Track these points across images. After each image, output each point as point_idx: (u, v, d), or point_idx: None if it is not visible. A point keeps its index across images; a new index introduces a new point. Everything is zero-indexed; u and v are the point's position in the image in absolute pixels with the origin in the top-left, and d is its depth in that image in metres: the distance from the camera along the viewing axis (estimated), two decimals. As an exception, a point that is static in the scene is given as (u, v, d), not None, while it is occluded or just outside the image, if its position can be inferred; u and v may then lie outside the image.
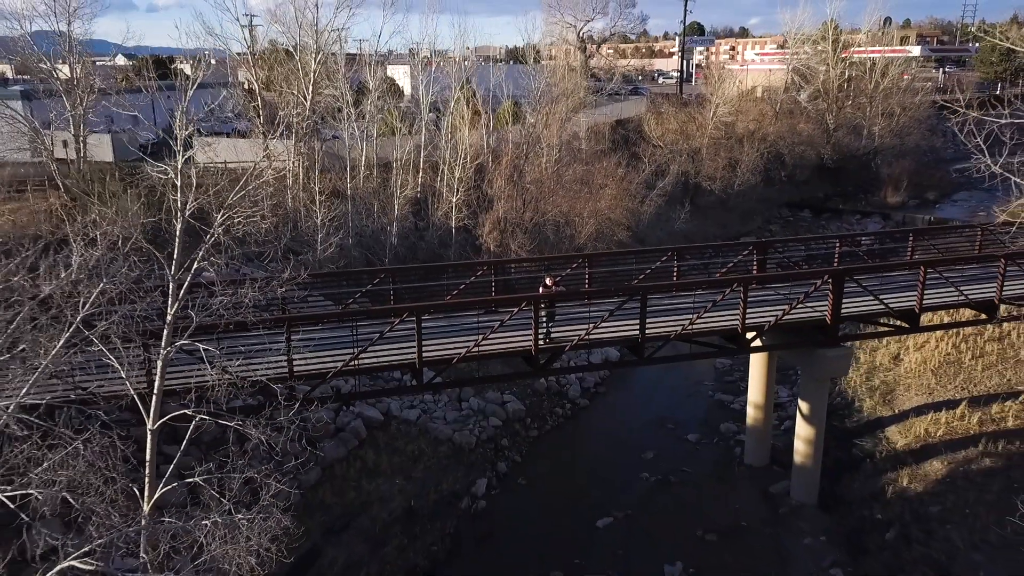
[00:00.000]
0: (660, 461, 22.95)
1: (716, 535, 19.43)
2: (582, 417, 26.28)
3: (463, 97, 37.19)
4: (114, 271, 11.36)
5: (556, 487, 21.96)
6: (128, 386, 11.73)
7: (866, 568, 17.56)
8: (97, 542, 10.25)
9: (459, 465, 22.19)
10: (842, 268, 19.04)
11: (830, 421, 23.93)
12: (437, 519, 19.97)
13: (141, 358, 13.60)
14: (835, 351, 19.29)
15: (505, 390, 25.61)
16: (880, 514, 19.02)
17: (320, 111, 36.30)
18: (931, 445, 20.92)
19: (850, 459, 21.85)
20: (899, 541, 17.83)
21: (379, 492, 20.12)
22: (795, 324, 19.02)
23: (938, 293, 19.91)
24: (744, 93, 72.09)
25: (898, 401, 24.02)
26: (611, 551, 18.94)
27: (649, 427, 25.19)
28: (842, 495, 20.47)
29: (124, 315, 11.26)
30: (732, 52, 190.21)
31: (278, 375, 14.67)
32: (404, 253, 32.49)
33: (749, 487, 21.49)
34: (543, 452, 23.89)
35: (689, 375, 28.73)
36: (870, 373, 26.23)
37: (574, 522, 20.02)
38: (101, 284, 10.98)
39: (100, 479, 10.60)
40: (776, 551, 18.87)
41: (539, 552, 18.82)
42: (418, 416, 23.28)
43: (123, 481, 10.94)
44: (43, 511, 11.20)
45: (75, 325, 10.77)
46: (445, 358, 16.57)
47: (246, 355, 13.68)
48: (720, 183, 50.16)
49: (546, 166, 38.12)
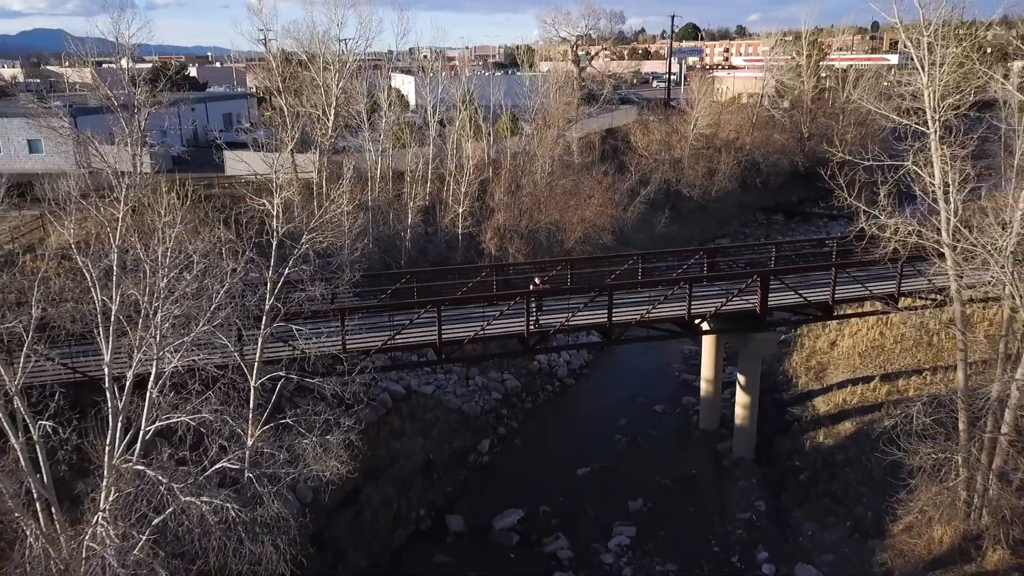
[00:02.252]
0: (631, 427, 28.12)
1: (671, 481, 24.61)
2: (568, 393, 31.45)
3: (467, 116, 42.18)
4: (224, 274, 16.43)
5: (545, 446, 27.12)
6: (237, 356, 16.84)
7: (782, 501, 22.71)
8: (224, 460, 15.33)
9: (467, 429, 27.34)
10: (768, 269, 24.18)
11: (772, 394, 29.19)
12: (450, 470, 25.15)
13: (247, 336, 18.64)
14: (764, 335, 24.45)
15: (504, 370, 30.76)
16: (799, 463, 24.19)
17: (340, 128, 41.12)
18: (846, 411, 26.05)
19: (783, 423, 27.00)
20: (809, 481, 23.00)
21: (404, 448, 25.25)
22: (733, 313, 24.12)
23: (849, 289, 25.02)
24: (729, 101, 77.25)
25: (827, 378, 29.13)
26: (588, 492, 24.12)
27: (623, 400, 30.35)
28: (773, 450, 25.63)
29: (241, 305, 16.34)
30: (726, 54, 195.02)
31: (337, 351, 19.78)
32: (416, 256, 37.48)
33: (701, 446, 26.66)
34: (535, 420, 29.06)
35: (660, 359, 33.88)
36: (809, 356, 31.33)
37: (559, 472, 25.18)
38: (227, 283, 16.03)
39: (220, 419, 15.59)
40: (717, 492, 24.05)
41: (531, 493, 23.97)
42: (433, 391, 28.41)
43: (235, 420, 15.99)
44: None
45: (208, 314, 15.84)
46: (458, 339, 21.69)
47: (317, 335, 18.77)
48: (699, 190, 55.26)
49: (540, 178, 43.16)
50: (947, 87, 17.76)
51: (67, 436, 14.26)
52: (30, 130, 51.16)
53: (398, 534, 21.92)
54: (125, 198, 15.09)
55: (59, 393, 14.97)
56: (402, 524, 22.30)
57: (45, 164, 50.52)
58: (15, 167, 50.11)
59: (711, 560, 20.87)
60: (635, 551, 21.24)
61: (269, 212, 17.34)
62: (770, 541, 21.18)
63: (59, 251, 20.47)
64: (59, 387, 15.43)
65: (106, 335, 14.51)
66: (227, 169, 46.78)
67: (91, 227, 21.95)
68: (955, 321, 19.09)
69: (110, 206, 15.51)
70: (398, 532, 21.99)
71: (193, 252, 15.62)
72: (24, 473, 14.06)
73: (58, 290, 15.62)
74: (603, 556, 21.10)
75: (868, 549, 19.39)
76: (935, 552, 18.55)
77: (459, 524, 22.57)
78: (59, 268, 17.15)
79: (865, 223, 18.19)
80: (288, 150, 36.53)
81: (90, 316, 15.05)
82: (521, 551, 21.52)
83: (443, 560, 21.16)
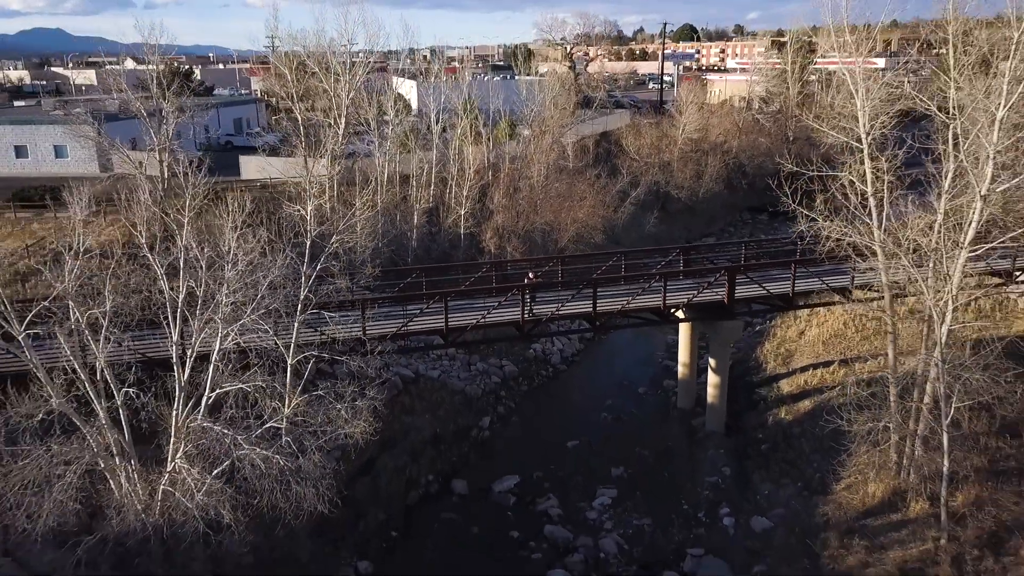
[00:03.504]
0: (616, 406, 31.42)
1: (649, 452, 27.92)
2: (561, 378, 34.76)
3: (468, 123, 45.40)
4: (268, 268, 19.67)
5: (539, 423, 30.43)
6: (276, 340, 20.10)
7: (745, 467, 26.02)
8: (272, 420, 18.60)
9: (469, 408, 30.62)
10: (734, 265, 27.46)
11: (744, 377, 32.49)
12: (455, 442, 28.44)
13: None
14: (732, 323, 27.74)
15: (503, 357, 34.04)
16: (762, 435, 27.49)
17: (349, 136, 44.28)
18: (806, 391, 29.33)
19: (751, 402, 30.29)
20: (769, 450, 26.30)
21: (414, 424, 28.52)
22: (703, 304, 27.40)
23: (809, 282, 28.28)
24: (719, 104, 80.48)
25: (793, 362, 32.41)
26: (576, 461, 27.42)
27: (610, 384, 33.66)
28: (740, 425, 28.91)
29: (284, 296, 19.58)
30: (722, 55, 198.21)
31: (357, 335, 23.07)
32: (422, 254, 40.72)
33: (677, 422, 29.96)
34: (530, 401, 32.37)
35: (645, 349, 37.18)
36: (779, 344, 34.61)
37: (551, 444, 28.49)
38: (270, 277, 19.27)
39: (270, 386, 18.84)
40: (689, 461, 27.35)
41: (525, 462, 27.27)
42: (439, 375, 31.68)
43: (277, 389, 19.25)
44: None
45: (255, 301, 19.08)
46: (463, 326, 24.97)
47: (344, 321, 22.06)
48: (687, 191, 58.55)
49: (536, 182, 46.42)
50: (875, 109, 21.05)
51: (145, 401, 17.56)
52: (56, 136, 54.40)
53: (411, 495, 25.22)
54: (190, 205, 18.36)
55: (136, 367, 18.25)
56: (414, 487, 25.59)
57: (70, 168, 53.82)
58: (42, 171, 53.49)
59: (681, 516, 24.17)
60: (615, 509, 24.55)
61: (304, 217, 20.66)
62: (732, 500, 24.48)
63: (128, 250, 23.73)
64: (136, 363, 18.68)
65: (174, 319, 17.80)
66: (242, 173, 50.07)
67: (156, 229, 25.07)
68: (885, 309, 22.37)
69: (177, 212, 18.66)
70: (411, 494, 25.29)
71: (243, 251, 18.90)
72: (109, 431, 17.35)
73: (128, 282, 18.91)
74: (588, 513, 24.40)
75: (813, 504, 22.66)
76: (868, 505, 21.82)
77: (463, 487, 25.88)
78: (128, 263, 20.32)
79: (804, 226, 21.47)
80: (319, 164, 38.85)
81: (157, 304, 18.37)
82: (517, 510, 24.82)
83: (449, 517, 24.46)
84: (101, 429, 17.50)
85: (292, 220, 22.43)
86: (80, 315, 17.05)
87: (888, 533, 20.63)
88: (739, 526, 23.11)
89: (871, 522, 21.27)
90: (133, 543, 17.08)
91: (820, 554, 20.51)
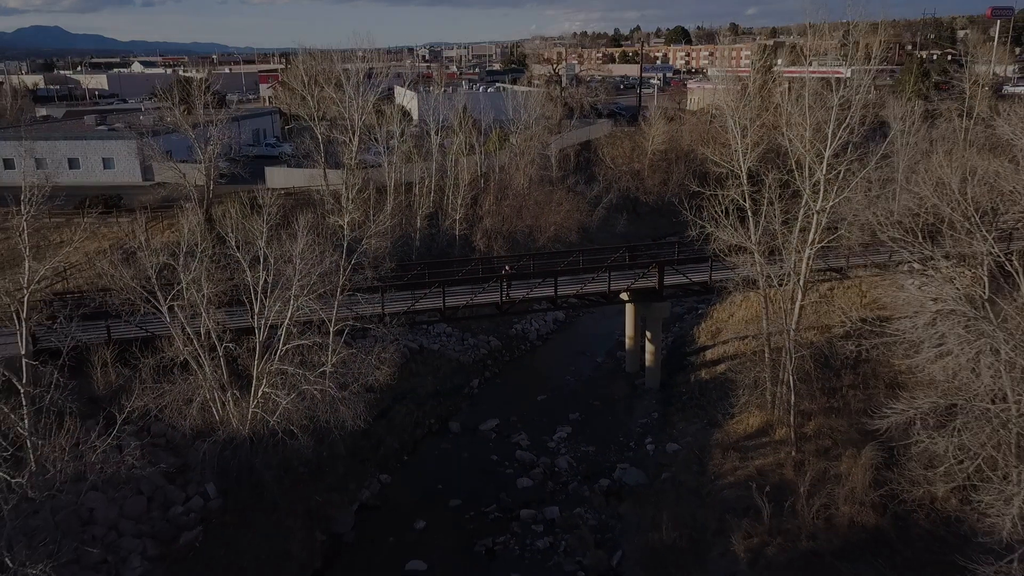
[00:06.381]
0: (577, 371, 39.97)
1: (599, 401, 36.47)
2: (537, 351, 43.31)
3: (463, 138, 53.68)
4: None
5: (516, 383, 38.97)
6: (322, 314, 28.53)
7: (669, 411, 34.51)
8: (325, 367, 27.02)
9: (462, 373, 39.12)
10: (663, 260, 35.95)
11: (680, 348, 40.97)
12: (451, 396, 36.96)
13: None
14: (661, 303, 36.24)
15: (490, 334, 42.53)
16: (685, 389, 36.00)
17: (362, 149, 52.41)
18: (724, 357, 37.79)
19: (682, 367, 38.79)
20: (688, 400, 34.81)
21: (420, 383, 37.01)
22: (640, 289, 35.84)
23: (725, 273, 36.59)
24: (695, 112, 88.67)
25: (720, 336, 40.86)
26: (542, 409, 35.97)
27: (575, 355, 42.19)
28: (672, 383, 37.41)
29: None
30: (711, 57, 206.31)
31: (379, 312, 31.53)
32: (424, 251, 49.10)
33: (623, 381, 38.48)
34: (511, 368, 40.91)
35: (606, 329, 45.66)
36: (712, 323, 43.02)
37: (524, 398, 37.04)
38: (320, 268, 27.61)
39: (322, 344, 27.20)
40: (628, 408, 35.89)
41: (504, 410, 35.79)
42: (439, 347, 40.17)
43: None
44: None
45: (307, 288, 27.48)
46: (456, 306, 33.44)
47: (368, 301, 30.48)
48: (655, 196, 66.95)
49: (521, 187, 54.83)
50: (748, 144, 29.52)
51: (238, 353, 26.05)
52: (104, 150, 62.40)
53: (417, 432, 33.76)
54: (267, 214, 26.74)
55: (229, 332, 26.69)
56: (420, 426, 34.13)
57: (117, 178, 61.96)
58: (92, 181, 61.36)
59: (616, 444, 32.71)
60: (569, 441, 33.10)
61: (341, 226, 29.14)
62: (655, 433, 33.01)
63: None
64: (229, 329, 27.10)
65: (255, 298, 26.27)
66: (268, 182, 57.96)
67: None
68: (761, 292, 30.86)
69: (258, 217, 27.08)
70: (417, 431, 33.82)
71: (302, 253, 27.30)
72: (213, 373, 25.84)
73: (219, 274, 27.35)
74: (548, 443, 32.93)
75: (710, 433, 31.13)
76: (747, 432, 30.30)
77: (457, 427, 34.44)
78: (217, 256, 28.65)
79: (695, 231, 29.97)
80: (358, 186, 45.01)
81: (241, 288, 26.82)
82: (496, 442, 33.33)
83: (446, 447, 33.02)
84: (214, 369, 26.02)
85: (332, 227, 30.88)
86: (198, 297, 25.52)
87: (757, 450, 29.14)
88: (657, 450, 31.65)
89: (746, 443, 29.78)
90: (236, 443, 25.64)
91: (707, 464, 29.00)
